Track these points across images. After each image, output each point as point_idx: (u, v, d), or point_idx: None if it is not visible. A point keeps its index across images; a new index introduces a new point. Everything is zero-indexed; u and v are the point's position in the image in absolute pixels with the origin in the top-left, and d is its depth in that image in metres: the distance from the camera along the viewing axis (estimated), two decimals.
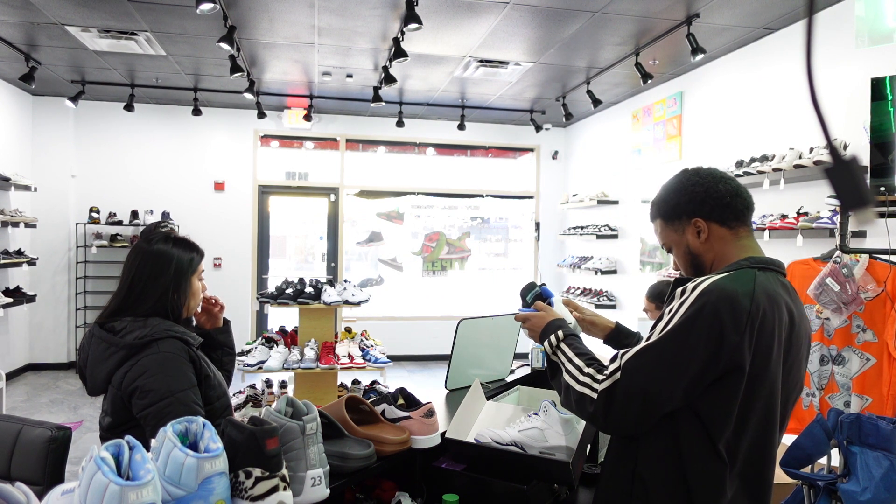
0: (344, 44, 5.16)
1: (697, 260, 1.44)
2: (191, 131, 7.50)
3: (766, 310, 1.25)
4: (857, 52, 3.69)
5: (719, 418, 1.25)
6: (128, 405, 1.60)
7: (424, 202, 8.52)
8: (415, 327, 8.09)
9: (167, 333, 1.65)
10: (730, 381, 1.23)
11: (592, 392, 1.27)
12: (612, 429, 1.32)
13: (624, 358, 1.26)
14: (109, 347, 1.64)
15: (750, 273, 1.30)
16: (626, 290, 6.71)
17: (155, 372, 1.59)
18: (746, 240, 1.41)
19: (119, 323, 1.67)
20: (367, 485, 1.78)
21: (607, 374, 1.27)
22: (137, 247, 1.78)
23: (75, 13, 4.53)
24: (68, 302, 7.19)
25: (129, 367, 1.60)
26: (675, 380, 1.22)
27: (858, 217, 2.63)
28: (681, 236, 1.44)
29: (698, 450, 1.25)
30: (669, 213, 1.46)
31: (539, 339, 1.50)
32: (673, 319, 1.25)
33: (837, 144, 3.68)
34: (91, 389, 1.70)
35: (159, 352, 1.62)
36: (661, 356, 1.23)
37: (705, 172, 1.43)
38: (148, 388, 1.57)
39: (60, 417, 5.32)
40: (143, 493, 0.91)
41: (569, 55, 5.35)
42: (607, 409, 1.24)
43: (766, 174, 4.21)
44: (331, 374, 4.29)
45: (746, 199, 1.42)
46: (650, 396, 1.23)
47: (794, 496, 2.16)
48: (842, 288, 2.62)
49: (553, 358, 1.41)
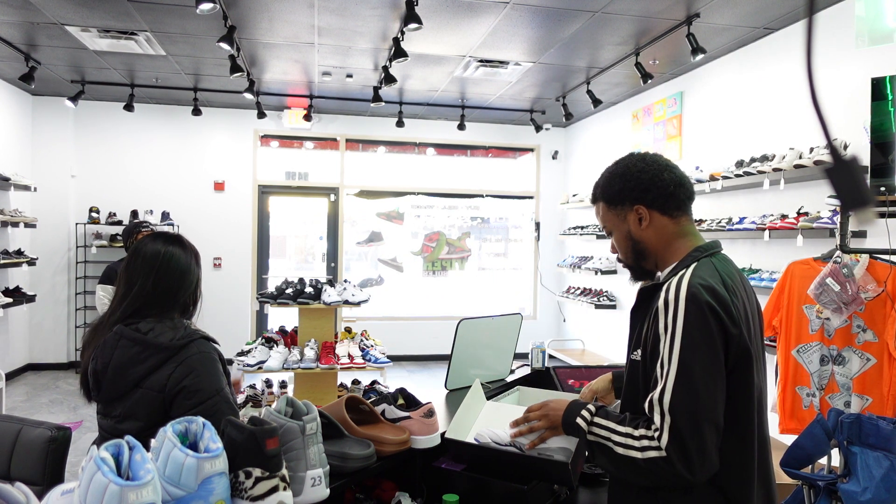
0: (344, 44, 5.16)
1: (639, 246, 1.44)
2: (191, 131, 7.50)
3: (737, 291, 1.31)
4: (857, 52, 3.69)
5: (743, 406, 1.27)
6: (168, 407, 1.58)
7: (424, 202, 8.51)
8: (415, 327, 8.09)
9: (198, 334, 1.67)
10: (743, 369, 1.26)
11: (656, 451, 1.19)
12: (704, 473, 1.19)
13: (664, 402, 1.20)
14: (145, 349, 1.60)
15: (708, 262, 1.33)
16: (626, 290, 6.70)
17: (201, 372, 1.61)
18: (688, 228, 1.43)
19: (144, 324, 1.64)
20: (367, 485, 1.78)
21: (657, 426, 1.20)
22: (152, 249, 1.73)
23: (75, 13, 4.53)
24: (68, 302, 7.19)
25: (174, 369, 1.59)
26: (718, 390, 1.22)
27: (859, 217, 2.62)
28: (622, 221, 1.44)
29: (723, 446, 1.23)
30: (612, 198, 1.45)
31: (563, 425, 1.40)
32: (676, 336, 1.23)
33: (837, 144, 3.68)
34: (109, 394, 1.63)
35: (200, 352, 1.64)
36: (696, 378, 1.20)
37: (651, 159, 1.43)
38: (196, 388, 1.58)
39: (60, 417, 5.31)
40: (142, 493, 0.91)
41: (569, 55, 5.35)
42: (687, 459, 1.17)
43: (766, 174, 4.21)
44: (331, 374, 4.29)
45: (689, 188, 1.44)
46: (714, 420, 1.20)
47: (794, 496, 2.16)
48: (842, 288, 2.62)
49: (592, 438, 1.32)
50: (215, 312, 7.17)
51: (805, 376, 2.84)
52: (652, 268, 1.46)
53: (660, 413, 1.20)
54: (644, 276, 1.48)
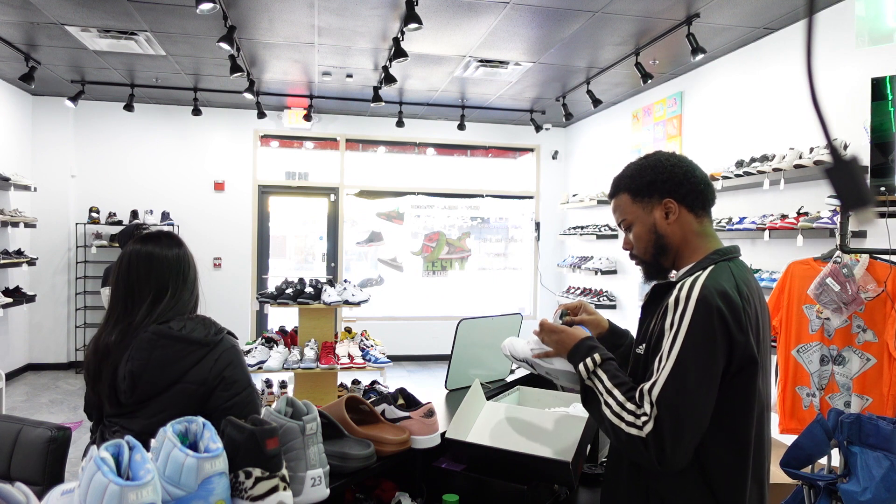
0: (344, 44, 5.16)
1: (662, 241, 1.43)
2: (191, 131, 7.50)
3: (750, 299, 1.30)
4: (857, 52, 3.69)
5: (742, 411, 1.27)
6: (205, 400, 1.62)
7: (424, 202, 8.51)
8: (415, 327, 8.09)
9: (224, 329, 1.73)
10: (746, 375, 1.26)
11: (638, 431, 1.22)
12: (674, 466, 1.24)
13: (654, 393, 1.22)
14: (187, 346, 1.63)
15: (725, 267, 1.33)
16: (626, 290, 6.70)
17: (237, 364, 1.68)
18: (709, 228, 1.44)
19: (175, 323, 1.67)
20: (367, 485, 1.78)
21: (646, 415, 1.22)
22: (163, 252, 1.74)
23: (75, 13, 4.53)
24: (68, 302, 7.19)
25: (213, 362, 1.63)
26: (708, 394, 1.23)
27: (859, 217, 2.62)
28: (647, 214, 1.43)
29: (719, 451, 1.27)
30: (640, 189, 1.44)
31: (569, 357, 1.42)
32: (679, 334, 1.24)
33: (837, 144, 3.68)
34: (145, 394, 1.61)
35: (232, 346, 1.70)
36: (689, 376, 1.22)
37: (681, 157, 1.45)
38: (234, 379, 1.65)
39: (60, 417, 5.32)
40: (142, 493, 0.91)
41: (569, 55, 5.35)
42: (662, 449, 1.20)
43: (766, 174, 4.21)
44: (331, 374, 4.29)
45: (714, 191, 1.46)
46: (696, 420, 1.22)
47: (794, 496, 2.16)
48: (842, 288, 2.62)
49: (588, 383, 1.34)
50: (215, 312, 7.05)
51: (805, 376, 2.84)
52: (669, 265, 1.45)
53: (649, 403, 1.23)
54: (658, 273, 1.48)
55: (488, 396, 2.03)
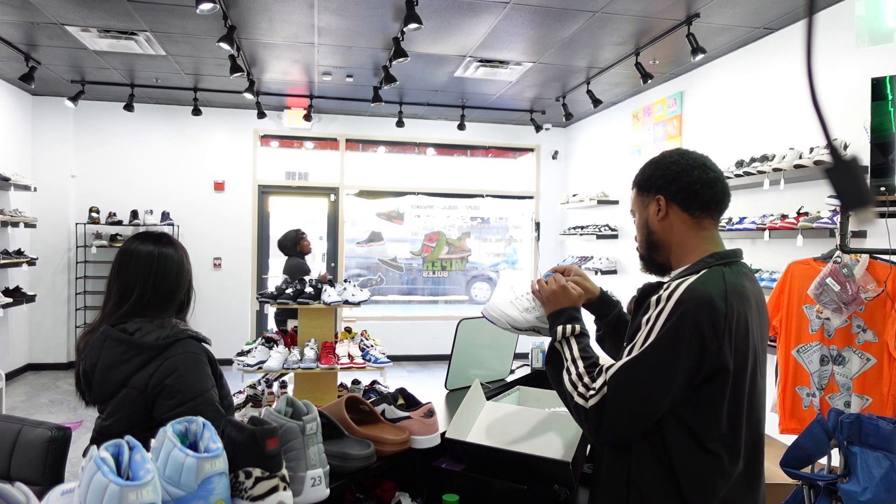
0: (344, 44, 5.16)
1: (652, 237, 1.45)
2: (191, 131, 7.50)
3: (739, 307, 1.28)
4: (857, 52, 3.69)
5: (709, 419, 1.27)
6: (150, 407, 1.58)
7: (424, 202, 8.52)
8: (415, 327, 8.09)
9: (186, 334, 1.66)
10: (716, 383, 1.26)
11: (584, 402, 1.28)
12: (603, 441, 1.34)
13: (609, 373, 1.27)
14: (129, 349, 1.60)
15: (718, 271, 1.31)
16: (627, 290, 6.67)
17: (183, 372, 1.59)
18: (709, 232, 1.41)
19: (131, 325, 1.64)
20: (367, 485, 1.78)
21: (596, 388, 1.27)
22: (145, 251, 1.73)
23: (75, 13, 4.53)
24: (68, 302, 7.19)
25: (156, 368, 1.58)
26: (661, 392, 1.24)
27: (859, 217, 2.62)
28: (644, 208, 1.46)
29: (685, 452, 1.27)
30: (642, 183, 1.47)
31: (551, 316, 1.47)
32: (653, 331, 1.25)
33: (837, 144, 3.68)
34: (99, 395, 1.64)
35: (185, 352, 1.62)
36: (646, 370, 1.24)
37: (689, 155, 1.43)
38: (177, 389, 1.57)
39: (60, 417, 5.31)
40: (142, 493, 0.91)
41: (569, 55, 5.35)
42: (598, 424, 1.26)
43: (766, 174, 4.20)
44: (331, 374, 4.29)
45: (719, 193, 1.40)
46: (638, 410, 1.25)
47: (794, 496, 2.16)
48: (842, 288, 2.62)
49: (557, 346, 1.40)
50: (215, 312, 7.18)
51: (805, 376, 2.84)
52: (664, 262, 1.46)
53: (602, 380, 1.27)
54: (654, 268, 1.49)
55: (488, 396, 2.03)
